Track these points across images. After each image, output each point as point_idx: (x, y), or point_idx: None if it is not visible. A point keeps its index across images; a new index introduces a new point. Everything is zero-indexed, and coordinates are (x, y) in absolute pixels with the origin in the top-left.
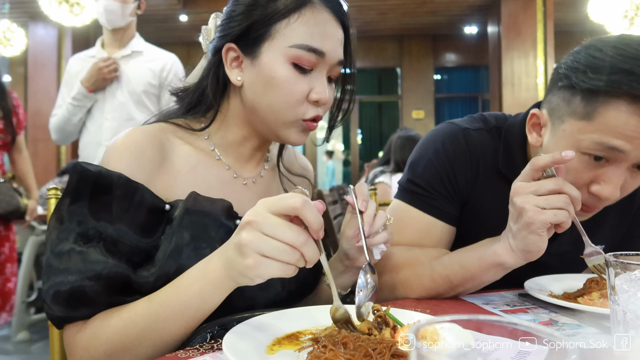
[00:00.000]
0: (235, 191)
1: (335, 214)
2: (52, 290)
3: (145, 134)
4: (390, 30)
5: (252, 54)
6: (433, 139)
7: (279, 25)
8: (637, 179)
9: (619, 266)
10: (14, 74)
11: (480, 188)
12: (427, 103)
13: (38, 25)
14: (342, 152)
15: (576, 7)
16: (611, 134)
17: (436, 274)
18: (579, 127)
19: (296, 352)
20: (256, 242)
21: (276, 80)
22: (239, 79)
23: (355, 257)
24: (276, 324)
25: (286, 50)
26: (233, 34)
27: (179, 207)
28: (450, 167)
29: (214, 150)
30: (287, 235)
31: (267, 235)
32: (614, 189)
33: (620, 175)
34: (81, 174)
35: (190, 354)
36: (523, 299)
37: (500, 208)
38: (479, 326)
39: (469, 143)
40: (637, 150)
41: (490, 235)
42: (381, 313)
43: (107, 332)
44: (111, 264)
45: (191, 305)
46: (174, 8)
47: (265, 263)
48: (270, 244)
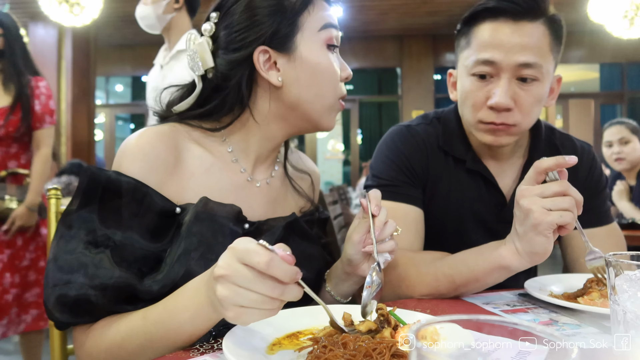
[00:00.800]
0: (247, 194)
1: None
2: (55, 295)
3: (160, 135)
4: (390, 30)
5: (287, 50)
6: (384, 141)
7: (303, 17)
8: (528, 91)
9: (619, 266)
10: None
11: (432, 171)
12: (427, 103)
13: (38, 26)
14: (342, 152)
15: (576, 7)
16: (483, 50)
17: (440, 274)
18: (465, 55)
19: (296, 352)
20: (232, 297)
21: (321, 65)
22: (280, 79)
23: (357, 263)
24: (276, 323)
25: (317, 35)
26: (262, 37)
27: (189, 212)
28: (404, 156)
29: (231, 152)
30: (262, 289)
31: (242, 287)
32: (500, 96)
33: (504, 85)
34: (91, 178)
35: (190, 354)
36: (523, 299)
37: (449, 185)
38: (479, 326)
39: (413, 135)
40: (507, 58)
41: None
42: (384, 312)
43: (106, 343)
44: (117, 274)
45: (184, 330)
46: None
47: (246, 313)
48: (247, 296)
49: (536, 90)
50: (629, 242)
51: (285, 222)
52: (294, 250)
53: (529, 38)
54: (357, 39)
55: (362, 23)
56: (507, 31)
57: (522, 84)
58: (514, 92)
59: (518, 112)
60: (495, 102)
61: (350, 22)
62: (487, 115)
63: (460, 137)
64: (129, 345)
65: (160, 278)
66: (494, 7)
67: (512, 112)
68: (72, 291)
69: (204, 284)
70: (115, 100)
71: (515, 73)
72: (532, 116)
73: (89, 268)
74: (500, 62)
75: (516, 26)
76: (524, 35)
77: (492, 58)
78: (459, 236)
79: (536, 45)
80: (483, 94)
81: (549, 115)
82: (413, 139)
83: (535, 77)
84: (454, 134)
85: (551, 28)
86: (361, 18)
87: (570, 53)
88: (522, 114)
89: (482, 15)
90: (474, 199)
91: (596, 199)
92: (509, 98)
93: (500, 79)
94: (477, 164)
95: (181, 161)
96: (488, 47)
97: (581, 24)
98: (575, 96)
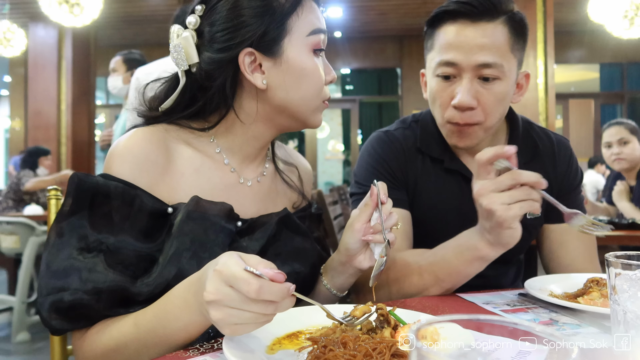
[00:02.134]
0: (238, 192)
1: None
2: (49, 302)
3: (149, 136)
4: (390, 30)
5: (273, 54)
6: (364, 148)
7: (292, 20)
8: (490, 90)
9: (619, 266)
10: (14, 75)
11: (411, 174)
12: (427, 103)
13: (38, 26)
14: (342, 152)
15: (576, 7)
16: (444, 51)
17: (423, 271)
18: (430, 57)
19: (296, 351)
20: (227, 318)
21: (307, 71)
22: (264, 82)
23: (354, 253)
24: (276, 323)
25: (305, 40)
26: (250, 40)
27: (180, 211)
28: (384, 161)
29: (220, 152)
30: (254, 309)
31: (235, 309)
32: (462, 95)
33: (466, 85)
34: (78, 185)
35: (190, 353)
36: (523, 298)
37: (430, 185)
38: (479, 326)
39: (391, 140)
40: (467, 58)
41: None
42: (384, 312)
43: (101, 348)
44: (111, 278)
45: (178, 337)
46: (174, 8)
47: (242, 328)
48: (241, 316)
49: (498, 89)
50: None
51: (277, 218)
52: (287, 245)
53: (488, 38)
54: (357, 39)
55: (362, 23)
56: (467, 32)
57: (484, 83)
58: (476, 91)
59: (481, 110)
60: (457, 102)
61: (350, 22)
62: (452, 115)
63: (437, 137)
64: (124, 350)
65: (153, 279)
66: (453, 10)
67: (476, 110)
68: (66, 297)
69: (193, 295)
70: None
71: (476, 73)
72: (495, 114)
73: (82, 273)
74: (460, 62)
75: (474, 27)
76: (482, 36)
77: (453, 59)
78: (446, 234)
79: (495, 45)
80: (448, 94)
81: (548, 115)
82: (392, 144)
83: (496, 76)
84: (430, 135)
85: (511, 27)
86: (361, 18)
87: (570, 53)
88: (485, 112)
89: (443, 17)
90: (456, 197)
91: (572, 193)
92: (471, 97)
93: (462, 79)
94: (454, 163)
95: (171, 161)
96: (449, 48)
97: (581, 24)
98: (575, 96)
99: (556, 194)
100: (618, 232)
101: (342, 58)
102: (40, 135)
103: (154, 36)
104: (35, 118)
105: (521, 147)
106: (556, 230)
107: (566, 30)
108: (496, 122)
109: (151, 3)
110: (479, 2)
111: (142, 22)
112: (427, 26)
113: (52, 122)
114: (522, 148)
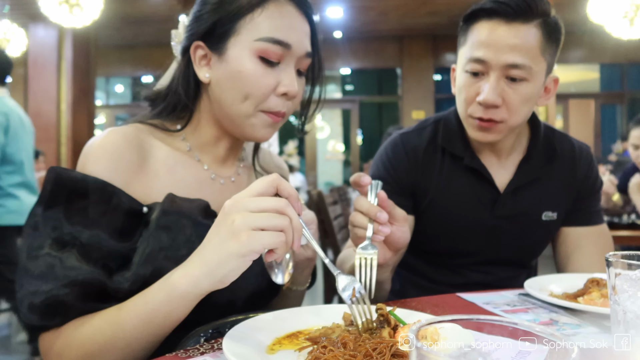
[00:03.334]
0: (213, 191)
1: (336, 214)
2: (27, 300)
3: (124, 135)
4: (390, 30)
5: (219, 50)
6: (380, 150)
7: (244, 21)
8: (516, 90)
9: (619, 266)
10: (14, 75)
11: (427, 174)
12: (427, 103)
13: (38, 26)
14: (342, 152)
15: (576, 7)
16: (476, 48)
17: None
18: (462, 52)
19: (296, 351)
20: (246, 217)
21: (243, 74)
22: (207, 76)
23: None
24: (276, 323)
25: (252, 44)
26: (200, 32)
27: (155, 209)
28: (391, 166)
29: (190, 151)
30: (270, 203)
31: (252, 211)
32: (487, 93)
33: (493, 83)
34: (56, 179)
35: (190, 353)
36: (523, 298)
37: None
38: (480, 326)
39: (404, 143)
40: (496, 57)
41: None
42: (383, 312)
43: (78, 339)
44: (86, 270)
45: (158, 314)
46: (174, 8)
47: (257, 235)
48: (259, 216)
49: (524, 90)
50: (628, 242)
51: None
52: None
53: (519, 40)
54: (357, 40)
55: (362, 23)
56: (499, 32)
57: (511, 83)
58: (502, 90)
59: (505, 109)
60: (483, 99)
61: (350, 22)
62: (475, 110)
63: (460, 135)
64: (100, 338)
65: (130, 275)
66: (489, 8)
67: (500, 109)
68: (41, 294)
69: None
70: (115, 100)
71: (504, 72)
72: (519, 114)
73: (57, 268)
74: (490, 61)
75: (508, 27)
76: (514, 37)
77: (483, 57)
78: (456, 233)
79: (525, 46)
80: (474, 90)
81: (549, 115)
82: (404, 147)
83: (523, 77)
84: (453, 133)
85: (544, 30)
86: (361, 18)
87: (570, 53)
88: (509, 111)
89: (479, 15)
90: (468, 195)
91: (591, 198)
92: (496, 95)
93: (490, 76)
94: (474, 161)
95: (145, 160)
96: (480, 46)
97: (581, 24)
98: (575, 96)
99: (575, 198)
100: (618, 232)
101: (342, 58)
102: (40, 135)
103: (154, 36)
104: (35, 118)
105: (540, 150)
106: (572, 233)
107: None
108: (520, 122)
109: (151, 3)
110: (515, 2)
111: (142, 22)
112: (462, 22)
113: (52, 122)
114: (541, 151)
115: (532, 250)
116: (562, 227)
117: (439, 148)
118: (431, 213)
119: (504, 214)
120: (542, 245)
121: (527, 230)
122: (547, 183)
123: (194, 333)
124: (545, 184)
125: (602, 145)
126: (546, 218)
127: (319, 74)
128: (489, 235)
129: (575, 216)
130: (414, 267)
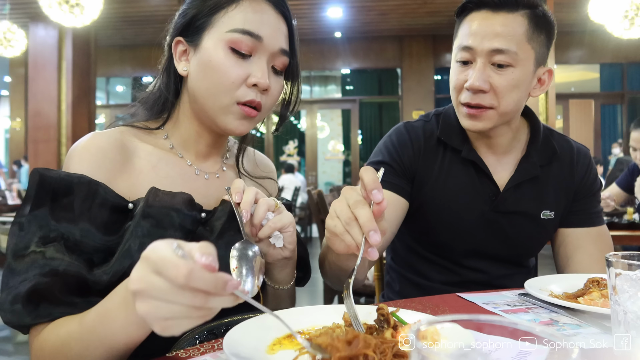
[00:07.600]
0: (198, 186)
1: None
2: (12, 294)
3: (106, 137)
4: (390, 30)
5: (194, 43)
6: (384, 139)
7: (218, 15)
8: (502, 75)
9: (619, 266)
10: (14, 75)
11: (429, 163)
12: (427, 103)
13: (38, 26)
14: (342, 152)
15: (576, 7)
16: (464, 38)
17: None
18: (454, 45)
19: (297, 351)
20: (153, 311)
21: (212, 63)
22: (184, 69)
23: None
24: (277, 323)
25: (223, 35)
26: (180, 27)
27: (139, 203)
28: (395, 148)
29: (173, 148)
30: (183, 300)
31: (161, 300)
32: (474, 78)
33: (479, 69)
34: (40, 180)
35: (190, 353)
36: (523, 298)
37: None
38: (480, 326)
39: (409, 130)
40: (480, 44)
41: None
42: (384, 312)
43: (49, 346)
44: (67, 261)
45: (118, 339)
46: (174, 8)
47: (173, 324)
48: (170, 309)
49: (511, 76)
50: (628, 242)
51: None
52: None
53: (503, 27)
54: (357, 39)
55: (362, 23)
56: (487, 21)
57: (497, 69)
58: (489, 76)
59: (493, 94)
60: (469, 84)
61: (350, 22)
62: (465, 97)
63: (458, 128)
64: (68, 352)
65: (109, 268)
66: (477, 0)
67: (488, 94)
68: (25, 285)
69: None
70: (116, 101)
71: (489, 59)
72: (508, 101)
73: (39, 259)
74: (475, 47)
75: (494, 16)
76: (500, 25)
77: (469, 44)
78: (454, 224)
79: (510, 33)
80: (463, 77)
81: (549, 115)
82: (409, 134)
83: (509, 64)
84: (451, 126)
85: (531, 19)
86: (361, 18)
87: (570, 53)
88: (497, 97)
89: (468, 7)
90: (467, 188)
91: (590, 198)
92: (482, 80)
93: (477, 63)
94: (472, 153)
95: (129, 160)
96: (468, 35)
97: (581, 24)
98: (575, 96)
99: (573, 199)
100: (618, 232)
101: (342, 58)
102: (40, 135)
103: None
104: (36, 118)
105: (540, 150)
106: (572, 234)
107: (566, 30)
108: (510, 110)
109: (151, 3)
110: None
111: (142, 22)
112: (455, 17)
113: (52, 123)
114: (541, 151)
115: (529, 248)
116: (562, 228)
117: (440, 141)
118: (431, 204)
119: (503, 210)
120: (540, 244)
121: (525, 227)
122: (546, 182)
123: (188, 334)
124: (545, 183)
125: (602, 145)
126: (544, 217)
127: (296, 75)
128: (486, 230)
129: (575, 217)
130: (410, 264)
